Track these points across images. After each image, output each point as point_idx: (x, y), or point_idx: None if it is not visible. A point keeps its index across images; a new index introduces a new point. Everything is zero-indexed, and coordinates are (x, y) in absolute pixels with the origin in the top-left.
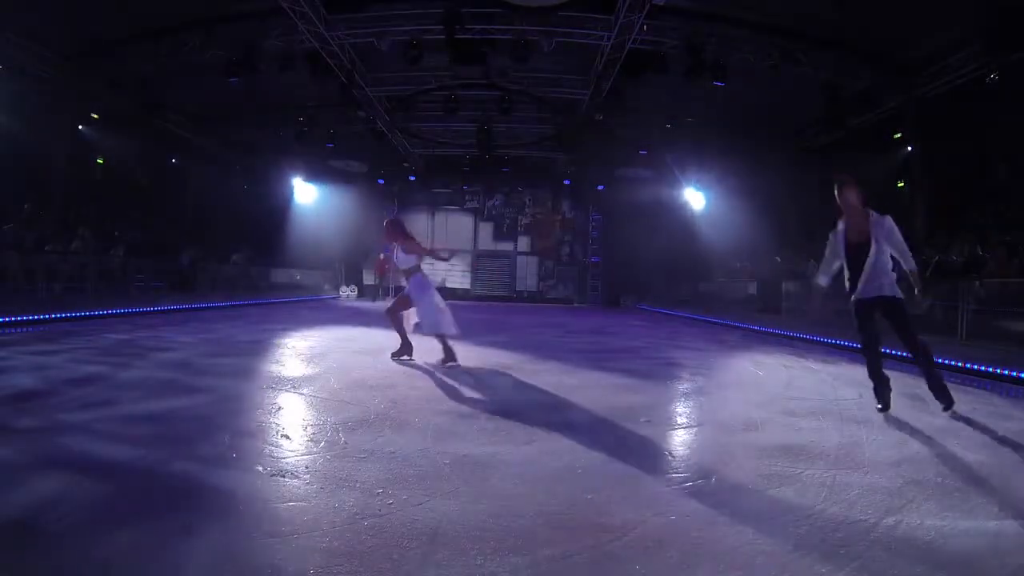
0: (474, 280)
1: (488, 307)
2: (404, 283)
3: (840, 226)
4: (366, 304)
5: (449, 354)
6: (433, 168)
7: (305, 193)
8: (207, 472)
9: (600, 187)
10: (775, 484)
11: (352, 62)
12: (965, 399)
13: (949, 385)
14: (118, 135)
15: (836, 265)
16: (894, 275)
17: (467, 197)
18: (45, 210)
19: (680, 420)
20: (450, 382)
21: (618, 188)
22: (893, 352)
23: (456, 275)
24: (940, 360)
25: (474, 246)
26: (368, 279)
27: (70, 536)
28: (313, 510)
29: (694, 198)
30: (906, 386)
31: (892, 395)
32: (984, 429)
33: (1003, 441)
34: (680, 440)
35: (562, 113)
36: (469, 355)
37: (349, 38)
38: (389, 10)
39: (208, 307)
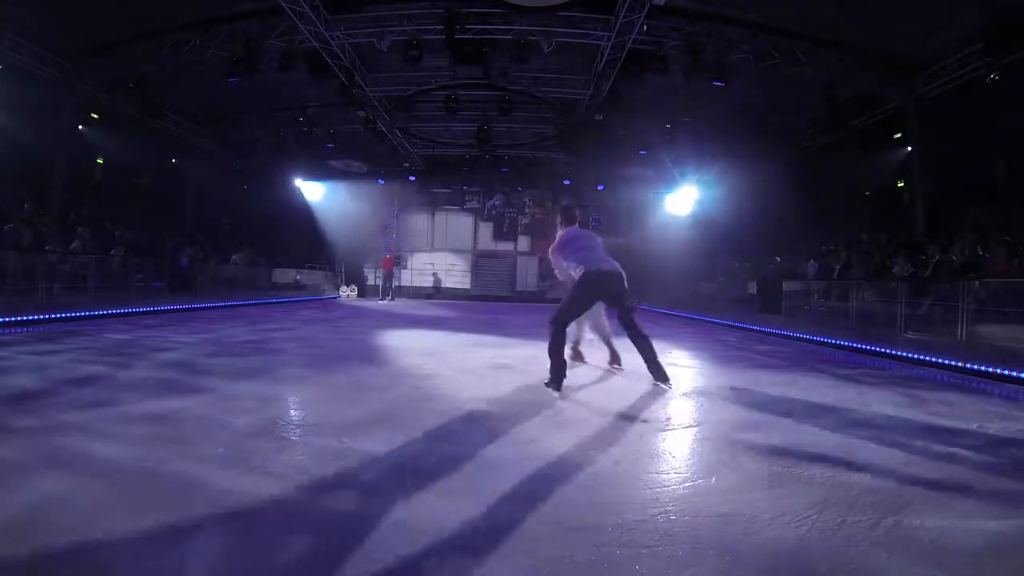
0: (474, 280)
1: (488, 307)
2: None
3: None
4: (369, 304)
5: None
6: (433, 168)
7: (305, 193)
8: (207, 472)
9: (600, 187)
10: (774, 484)
11: (352, 62)
12: (965, 399)
13: (947, 385)
14: (118, 135)
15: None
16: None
17: (467, 197)
18: (45, 210)
19: (678, 420)
20: (451, 383)
21: (618, 188)
22: (892, 352)
23: (456, 275)
24: (940, 360)
25: (474, 246)
26: (369, 279)
27: (70, 536)
28: (312, 510)
29: (693, 198)
30: (905, 386)
31: (890, 395)
32: (984, 429)
33: (1003, 441)
34: (680, 439)
35: (562, 113)
36: (470, 355)
37: (349, 38)
38: (389, 10)
39: (208, 307)
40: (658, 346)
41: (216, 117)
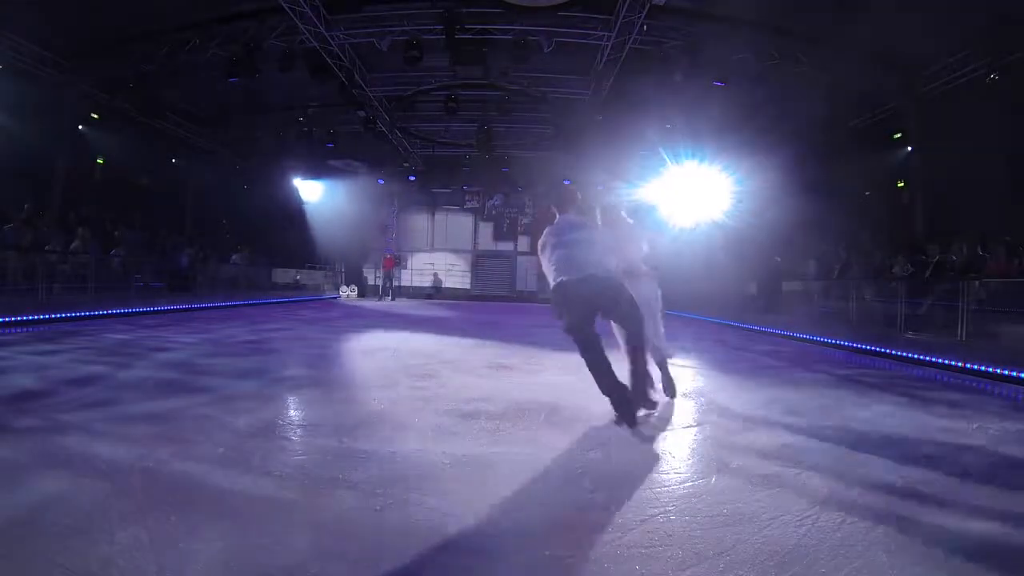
0: (474, 280)
1: (488, 307)
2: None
3: None
4: (369, 304)
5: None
6: (433, 168)
7: (305, 192)
8: (207, 472)
9: (600, 187)
10: (774, 484)
11: (352, 62)
12: (965, 399)
13: (947, 385)
14: (118, 135)
15: None
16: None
17: (467, 197)
18: (45, 210)
19: (678, 420)
20: (451, 383)
21: (618, 188)
22: (892, 352)
23: (456, 275)
24: (941, 360)
25: (474, 246)
26: (369, 279)
27: (70, 536)
28: (312, 510)
29: (693, 197)
30: (905, 386)
31: (890, 395)
32: (984, 429)
33: (1003, 441)
34: (679, 439)
35: (562, 113)
36: (470, 355)
37: (349, 38)
38: (389, 10)
39: (208, 307)
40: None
41: (216, 117)
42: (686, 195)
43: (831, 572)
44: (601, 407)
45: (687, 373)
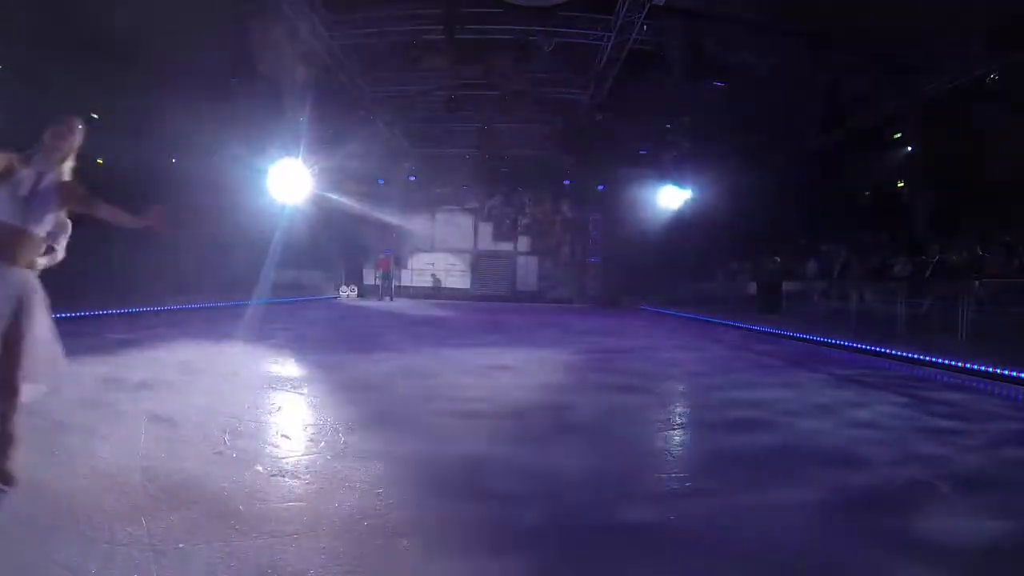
0: (474, 280)
1: (488, 307)
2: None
3: None
4: (368, 304)
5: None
6: (433, 168)
7: (305, 192)
8: (207, 472)
9: (600, 187)
10: (774, 483)
11: (352, 62)
12: (965, 399)
13: (947, 385)
14: (118, 135)
15: None
16: None
17: (467, 197)
18: None
19: (678, 421)
20: (451, 383)
21: (618, 188)
22: (892, 352)
23: (456, 275)
24: (940, 360)
25: (474, 246)
26: (368, 279)
27: (71, 536)
28: (313, 510)
29: (687, 196)
30: (906, 386)
31: (890, 395)
32: (984, 429)
33: (1003, 441)
34: (679, 439)
35: (562, 113)
36: (469, 356)
37: (349, 38)
38: (389, 10)
39: (208, 307)
40: (659, 345)
41: (216, 117)
42: (684, 193)
43: (832, 572)
44: (600, 409)
45: (687, 373)
